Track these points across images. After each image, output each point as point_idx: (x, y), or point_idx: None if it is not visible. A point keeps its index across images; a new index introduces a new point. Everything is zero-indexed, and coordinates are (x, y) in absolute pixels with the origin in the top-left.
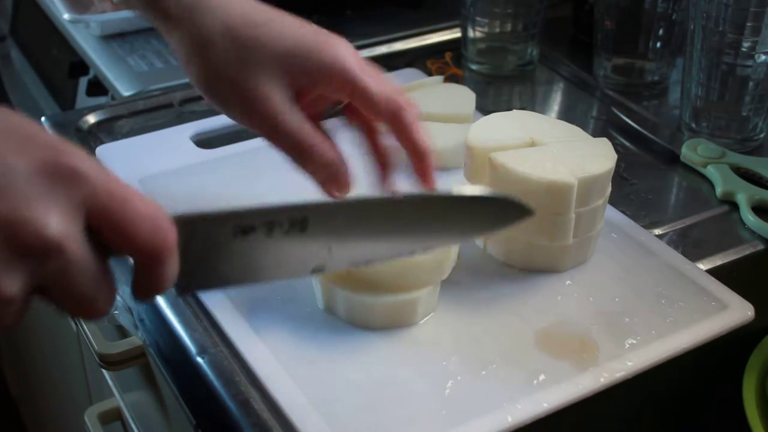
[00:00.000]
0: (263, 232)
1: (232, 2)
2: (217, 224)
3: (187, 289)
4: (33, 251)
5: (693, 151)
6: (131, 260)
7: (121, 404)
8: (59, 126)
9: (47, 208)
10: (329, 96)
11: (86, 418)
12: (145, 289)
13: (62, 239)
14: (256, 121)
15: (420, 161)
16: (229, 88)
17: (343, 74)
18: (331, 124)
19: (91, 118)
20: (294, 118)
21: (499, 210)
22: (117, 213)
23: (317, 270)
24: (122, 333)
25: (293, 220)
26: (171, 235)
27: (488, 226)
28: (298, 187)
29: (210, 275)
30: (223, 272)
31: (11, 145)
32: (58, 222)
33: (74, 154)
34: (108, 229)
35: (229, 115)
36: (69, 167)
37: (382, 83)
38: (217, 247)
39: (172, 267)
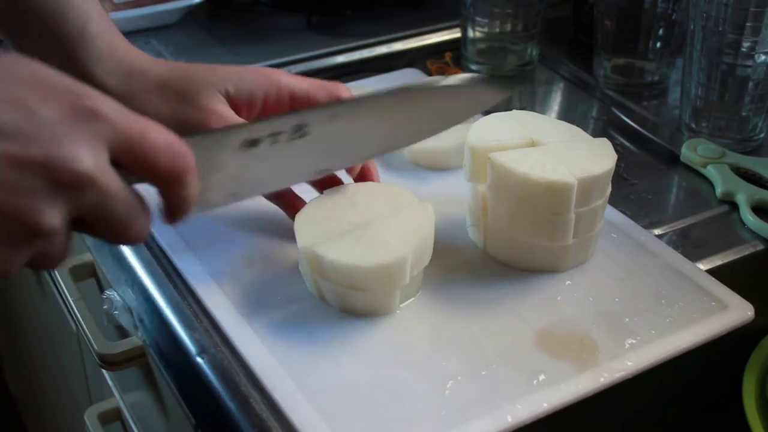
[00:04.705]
0: (268, 142)
1: (161, 66)
2: (226, 139)
3: (201, 206)
4: (68, 185)
5: (693, 151)
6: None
7: (121, 404)
8: None
9: (75, 145)
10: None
11: (86, 418)
12: (171, 212)
13: (92, 172)
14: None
15: None
16: (183, 121)
17: (274, 85)
18: None
19: None
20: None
21: (479, 92)
22: (137, 146)
23: (321, 172)
24: (122, 333)
25: (293, 127)
26: (189, 159)
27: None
28: (299, 189)
29: (221, 190)
30: (233, 185)
31: (35, 92)
32: (86, 157)
33: (92, 96)
34: (131, 160)
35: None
36: (89, 108)
37: (308, 80)
38: (226, 162)
39: (193, 188)
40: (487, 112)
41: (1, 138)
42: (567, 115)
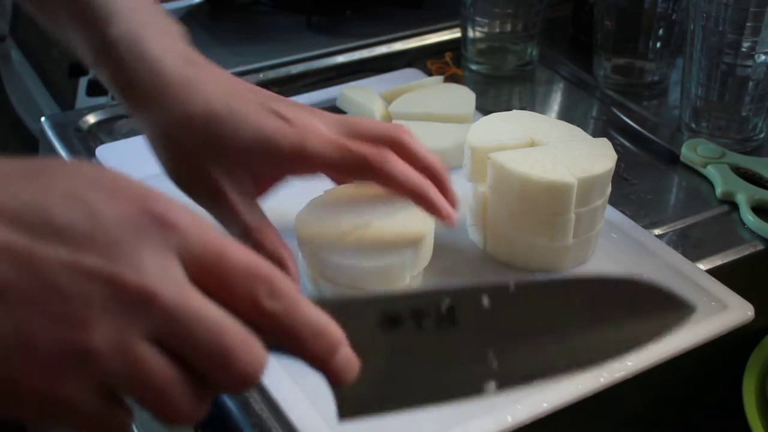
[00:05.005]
0: (412, 323)
1: (193, 92)
2: (361, 310)
3: (345, 413)
4: (129, 299)
5: (693, 151)
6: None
7: None
8: (59, 126)
9: (138, 253)
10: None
11: None
12: (310, 360)
13: (156, 285)
14: (215, 209)
15: (435, 179)
16: (194, 177)
17: (302, 160)
18: None
19: (91, 119)
20: (247, 214)
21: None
22: (212, 264)
23: (488, 389)
24: None
25: (438, 307)
26: (278, 286)
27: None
28: (300, 188)
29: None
30: (382, 389)
31: (100, 194)
32: (151, 266)
33: (165, 203)
34: (208, 283)
35: (195, 201)
36: (159, 216)
37: (338, 152)
38: (365, 347)
39: (303, 327)
40: (487, 112)
41: (57, 238)
42: (567, 115)
